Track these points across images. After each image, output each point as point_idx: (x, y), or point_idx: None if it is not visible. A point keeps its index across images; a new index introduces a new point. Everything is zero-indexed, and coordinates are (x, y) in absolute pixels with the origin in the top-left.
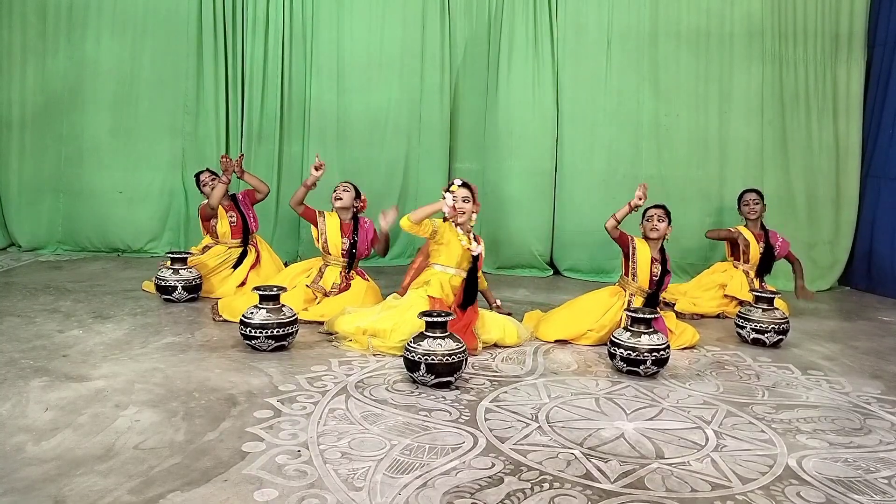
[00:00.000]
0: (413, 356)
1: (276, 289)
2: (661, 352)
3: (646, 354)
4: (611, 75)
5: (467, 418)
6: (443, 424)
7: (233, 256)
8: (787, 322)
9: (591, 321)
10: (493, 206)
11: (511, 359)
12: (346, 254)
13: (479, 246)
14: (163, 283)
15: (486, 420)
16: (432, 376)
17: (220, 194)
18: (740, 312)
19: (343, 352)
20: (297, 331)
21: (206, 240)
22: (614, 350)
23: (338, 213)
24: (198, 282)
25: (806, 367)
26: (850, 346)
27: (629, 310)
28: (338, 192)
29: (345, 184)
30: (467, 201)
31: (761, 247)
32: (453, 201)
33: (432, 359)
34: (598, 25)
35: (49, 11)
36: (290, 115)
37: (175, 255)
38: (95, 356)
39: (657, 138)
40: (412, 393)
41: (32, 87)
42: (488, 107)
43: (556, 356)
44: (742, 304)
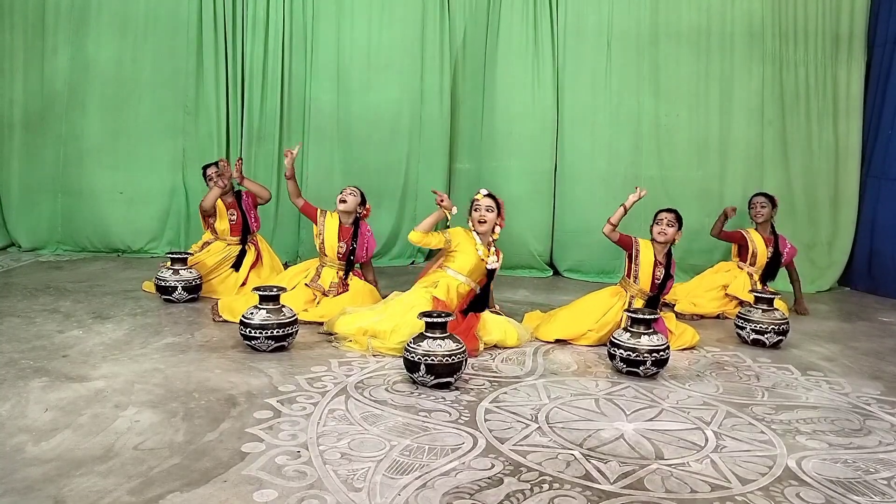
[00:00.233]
0: (413, 357)
1: (276, 289)
2: (661, 352)
3: (645, 355)
4: (611, 75)
5: (467, 419)
6: (442, 425)
7: (232, 254)
8: (787, 323)
9: (592, 321)
10: None
11: (511, 359)
12: (343, 257)
13: (497, 261)
14: (163, 284)
15: (486, 421)
16: (432, 377)
17: (214, 198)
18: (740, 313)
19: (343, 352)
20: (296, 331)
21: (206, 235)
22: (614, 351)
23: (339, 216)
24: (198, 282)
25: (805, 367)
26: (850, 346)
27: (629, 310)
28: (344, 194)
29: (352, 188)
30: (490, 211)
31: (769, 251)
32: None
33: (432, 359)
34: (597, 25)
35: (49, 12)
36: (290, 115)
37: (175, 256)
38: (95, 356)
39: (657, 138)
40: (412, 394)
41: (33, 87)
42: (488, 107)
43: (555, 357)
44: (742, 305)
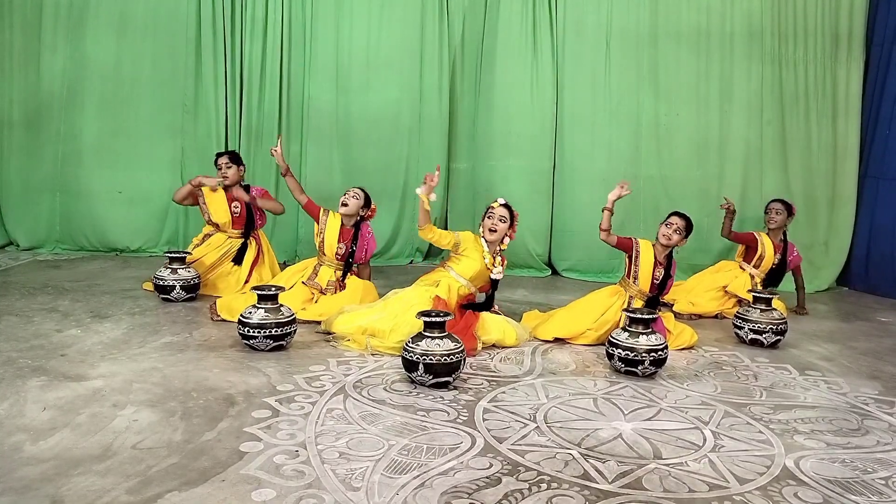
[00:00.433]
0: (411, 356)
1: (274, 288)
2: (660, 352)
3: (644, 355)
4: (610, 75)
5: (465, 418)
6: (441, 424)
7: (233, 248)
8: (785, 322)
9: (591, 320)
10: None
11: (509, 359)
12: (342, 258)
13: (500, 271)
14: (161, 283)
15: (485, 420)
16: (430, 376)
17: (185, 193)
18: (738, 313)
19: (341, 352)
20: (295, 330)
21: (206, 228)
22: (612, 350)
23: (341, 217)
24: (196, 281)
25: (804, 367)
26: (848, 346)
27: (628, 310)
28: (346, 197)
29: (355, 190)
30: (503, 221)
31: (777, 258)
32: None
33: (430, 359)
34: (597, 25)
35: (47, 11)
36: (289, 114)
37: (173, 255)
38: (93, 356)
39: (657, 138)
40: (410, 393)
41: (31, 86)
42: (487, 106)
43: (554, 356)
44: (741, 304)
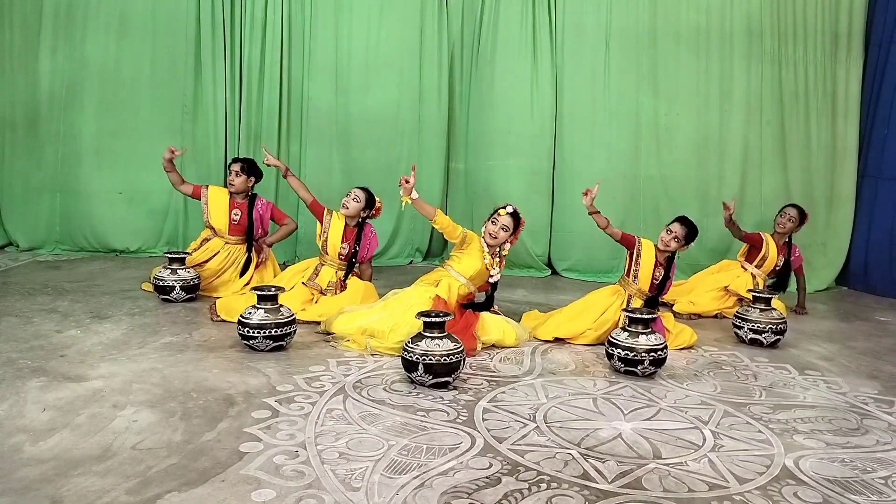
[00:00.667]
0: (411, 356)
1: (273, 289)
2: (659, 352)
3: (643, 355)
4: (610, 75)
5: (465, 418)
6: (440, 425)
7: (231, 255)
8: (785, 322)
9: (590, 320)
10: (491, 205)
11: (509, 359)
12: (345, 258)
13: (498, 274)
14: (161, 283)
15: (484, 420)
16: (430, 376)
17: (172, 179)
18: (738, 312)
19: (341, 352)
20: (295, 331)
21: (204, 232)
22: (612, 350)
23: (344, 217)
24: (196, 282)
25: (803, 367)
26: (848, 346)
27: (627, 310)
28: (347, 199)
29: (357, 191)
30: (505, 230)
31: (780, 259)
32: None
33: (430, 359)
34: (596, 25)
35: (47, 11)
36: (289, 115)
37: (173, 255)
38: (93, 356)
39: (656, 138)
40: (410, 393)
41: (31, 86)
42: (487, 106)
43: (553, 356)
44: (742, 303)
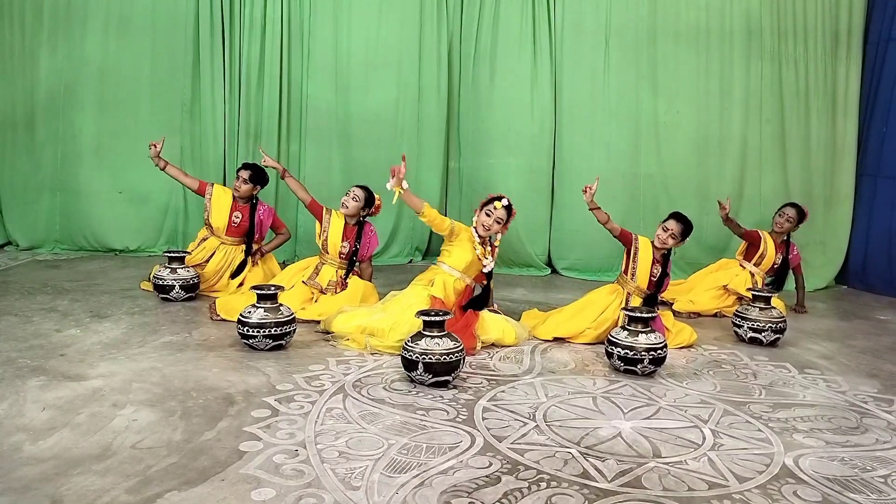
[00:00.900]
0: (411, 355)
1: (273, 288)
2: (659, 351)
3: (643, 353)
4: (609, 73)
5: (465, 417)
6: (440, 423)
7: (234, 260)
8: (784, 321)
9: (590, 319)
10: None
11: (509, 358)
12: (346, 257)
13: (491, 263)
14: (160, 283)
15: (484, 419)
16: (430, 375)
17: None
18: (737, 311)
19: (340, 351)
20: (294, 330)
21: (202, 232)
22: (612, 349)
23: (344, 216)
24: (195, 281)
25: (803, 365)
26: (847, 344)
27: (627, 309)
28: (346, 198)
29: (356, 190)
30: (500, 223)
31: (778, 258)
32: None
33: (430, 358)
34: (595, 23)
35: (46, 11)
36: (289, 114)
37: (173, 255)
38: (93, 355)
39: (656, 136)
40: (410, 392)
41: (31, 86)
42: (486, 105)
43: (553, 355)
44: (741, 301)
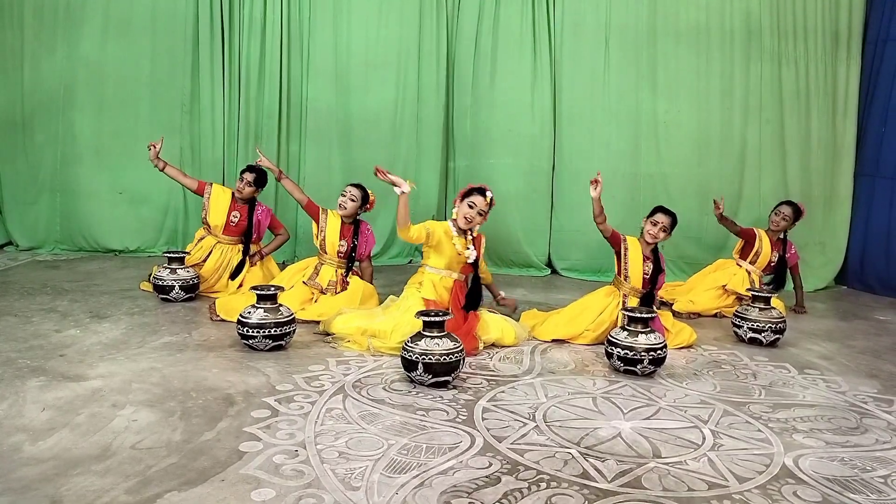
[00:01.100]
0: (410, 356)
1: (273, 288)
2: (659, 351)
3: (643, 354)
4: (609, 73)
5: (464, 418)
6: (440, 424)
7: (231, 259)
8: (784, 321)
9: (588, 321)
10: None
11: (508, 358)
12: (344, 256)
13: (473, 252)
14: (160, 283)
15: (484, 419)
16: (430, 376)
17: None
18: (737, 311)
19: (340, 351)
20: (294, 330)
21: (199, 232)
22: (611, 349)
23: (340, 215)
24: (195, 281)
25: (803, 366)
26: (847, 345)
27: (626, 309)
28: (343, 199)
29: (352, 190)
30: (481, 214)
31: (774, 256)
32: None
33: (430, 358)
34: (595, 23)
35: (46, 11)
36: (288, 114)
37: (172, 255)
38: (92, 356)
39: (656, 136)
40: (409, 392)
41: (31, 86)
42: (485, 105)
43: (553, 356)
44: (741, 301)
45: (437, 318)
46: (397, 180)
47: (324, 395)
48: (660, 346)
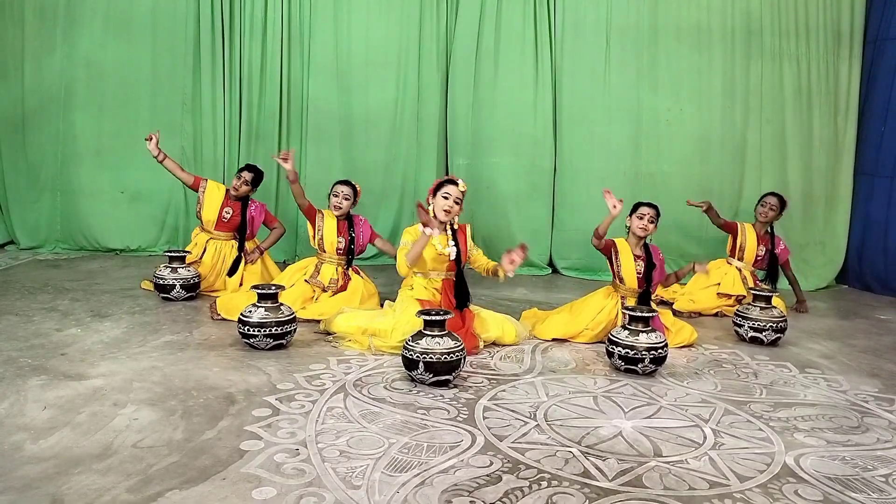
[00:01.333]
0: (411, 354)
1: (274, 287)
2: (659, 350)
3: (644, 353)
4: (610, 72)
5: (465, 416)
6: (441, 423)
7: (226, 255)
8: (785, 320)
9: (587, 319)
10: (491, 203)
11: (509, 357)
12: (343, 252)
13: (453, 248)
14: (161, 282)
15: (485, 418)
16: (430, 374)
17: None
18: (738, 311)
19: (341, 350)
20: (295, 329)
21: (196, 230)
22: (612, 348)
23: (334, 214)
24: (196, 280)
25: (804, 365)
26: (848, 344)
27: (628, 308)
28: (337, 200)
29: (344, 189)
30: (458, 203)
31: (761, 249)
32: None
33: (430, 357)
34: (596, 22)
35: (47, 10)
36: (289, 113)
37: (173, 254)
38: (94, 355)
39: (657, 135)
40: (410, 391)
41: (31, 85)
42: (487, 104)
43: (554, 354)
44: (740, 301)
45: (438, 317)
46: (431, 223)
47: (325, 393)
48: (661, 345)
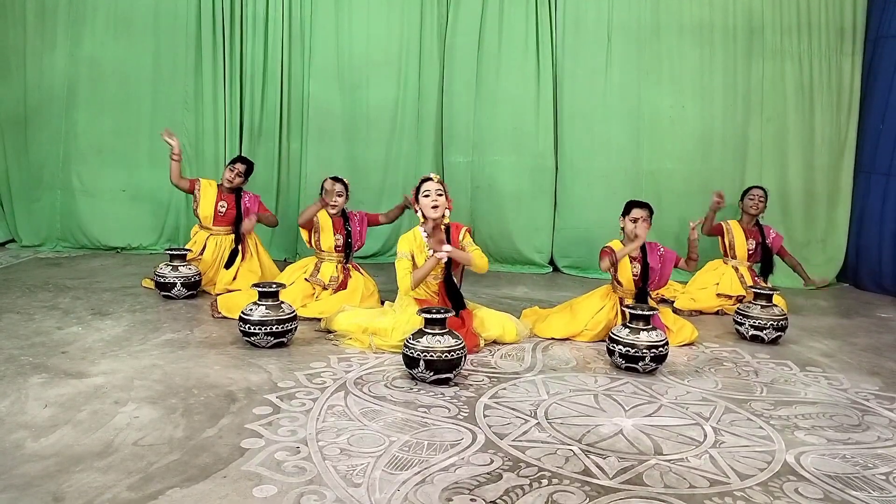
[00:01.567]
0: (412, 353)
1: (275, 286)
2: (660, 348)
3: (644, 351)
4: (611, 69)
5: (466, 415)
6: (441, 421)
7: (225, 249)
8: (786, 318)
9: (586, 318)
10: (492, 202)
11: (510, 355)
12: (341, 249)
13: (443, 253)
14: (162, 280)
15: (485, 416)
16: (431, 373)
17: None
18: (739, 309)
19: (342, 349)
20: (296, 327)
21: (195, 229)
22: (613, 347)
23: (327, 212)
24: (197, 278)
25: (804, 363)
26: (849, 342)
27: (628, 306)
28: (332, 198)
29: (338, 187)
30: (440, 194)
31: (751, 244)
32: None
33: (431, 355)
34: (597, 19)
35: (48, 9)
36: (290, 112)
37: (174, 252)
38: (94, 353)
39: (659, 133)
40: (411, 389)
41: (33, 84)
42: (488, 102)
43: (554, 353)
44: (740, 301)
45: (439, 316)
46: (445, 247)
47: (325, 391)
48: (661, 343)
